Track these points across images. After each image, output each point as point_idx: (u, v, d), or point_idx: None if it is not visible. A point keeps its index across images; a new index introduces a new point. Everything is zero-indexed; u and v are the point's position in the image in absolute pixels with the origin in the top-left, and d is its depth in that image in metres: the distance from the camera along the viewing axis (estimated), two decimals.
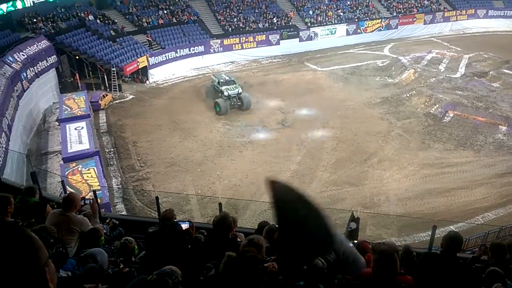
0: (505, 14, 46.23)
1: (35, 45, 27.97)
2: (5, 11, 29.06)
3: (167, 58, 34.63)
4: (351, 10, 43.92)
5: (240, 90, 27.72)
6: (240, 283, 2.35)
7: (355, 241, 7.20)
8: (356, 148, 22.95)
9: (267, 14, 40.98)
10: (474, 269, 4.80)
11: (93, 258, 4.17)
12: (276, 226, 2.05)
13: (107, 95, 29.34)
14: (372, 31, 43.43)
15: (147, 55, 33.08)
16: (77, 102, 25.12)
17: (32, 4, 31.00)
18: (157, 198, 10.17)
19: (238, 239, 5.21)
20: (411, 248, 6.18)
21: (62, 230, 4.86)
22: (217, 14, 39.92)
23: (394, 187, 19.70)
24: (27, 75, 25.85)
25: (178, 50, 35.32)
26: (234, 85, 28.04)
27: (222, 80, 28.35)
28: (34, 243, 1.30)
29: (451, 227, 14.42)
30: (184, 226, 4.89)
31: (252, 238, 3.94)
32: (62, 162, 19.38)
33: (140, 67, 32.47)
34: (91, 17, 34.55)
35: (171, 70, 34.72)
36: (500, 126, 24.34)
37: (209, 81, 30.67)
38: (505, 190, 19.10)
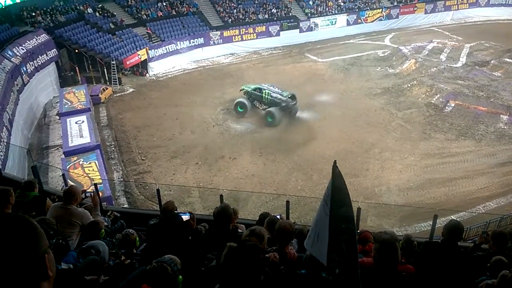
0: (507, 2, 45.81)
1: (34, 39, 27.87)
2: (3, 4, 28.91)
3: (167, 51, 34.47)
4: (352, 0, 43.61)
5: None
6: (241, 272, 2.34)
7: (358, 231, 7.20)
8: (357, 139, 22.91)
9: (267, 5, 40.71)
10: (476, 257, 4.80)
11: (94, 250, 4.18)
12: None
13: (107, 88, 29.28)
14: (373, 21, 43.17)
15: (147, 47, 32.94)
16: (77, 96, 25.12)
17: None
18: (158, 190, 10.19)
19: (239, 230, 5.22)
20: (412, 237, 6.19)
21: (63, 223, 4.86)
22: (217, 6, 39.68)
23: (395, 177, 19.70)
24: (27, 69, 25.78)
25: (178, 42, 35.15)
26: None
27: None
28: (35, 229, 1.31)
29: (452, 216, 14.42)
30: (185, 217, 4.89)
31: (254, 229, 3.95)
32: (63, 156, 19.42)
33: (140, 59, 32.35)
34: (90, 10, 34.37)
35: (171, 62, 34.59)
36: (501, 115, 24.24)
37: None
38: (506, 180, 19.08)
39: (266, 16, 40.02)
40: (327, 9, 42.33)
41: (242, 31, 38.00)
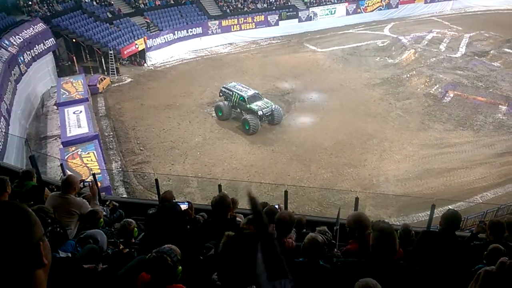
0: None
1: (31, 28, 27.64)
2: None
3: (165, 41, 34.23)
4: None
5: (274, 106, 23.69)
6: (239, 260, 2.35)
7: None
8: (355, 129, 22.90)
9: None
10: (473, 246, 4.82)
11: (92, 239, 4.18)
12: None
13: (105, 78, 29.13)
14: (372, 11, 42.91)
15: (145, 37, 32.69)
16: (75, 85, 25.00)
17: None
18: (156, 180, 10.18)
19: (238, 219, 5.23)
20: (410, 227, 6.22)
21: (61, 212, 4.86)
22: None
23: (393, 167, 19.75)
24: (24, 59, 25.61)
25: (176, 32, 34.91)
26: (263, 100, 23.78)
27: (247, 96, 23.48)
28: (30, 217, 1.29)
29: (450, 206, 14.48)
30: (183, 206, 4.89)
31: (251, 218, 3.95)
32: (61, 146, 19.39)
33: (138, 49, 32.12)
34: None
35: (169, 52, 34.38)
36: (500, 106, 24.25)
37: (220, 99, 25.07)
38: (504, 170, 19.17)
39: (265, 5, 39.71)
40: None
41: (241, 20, 37.71)
